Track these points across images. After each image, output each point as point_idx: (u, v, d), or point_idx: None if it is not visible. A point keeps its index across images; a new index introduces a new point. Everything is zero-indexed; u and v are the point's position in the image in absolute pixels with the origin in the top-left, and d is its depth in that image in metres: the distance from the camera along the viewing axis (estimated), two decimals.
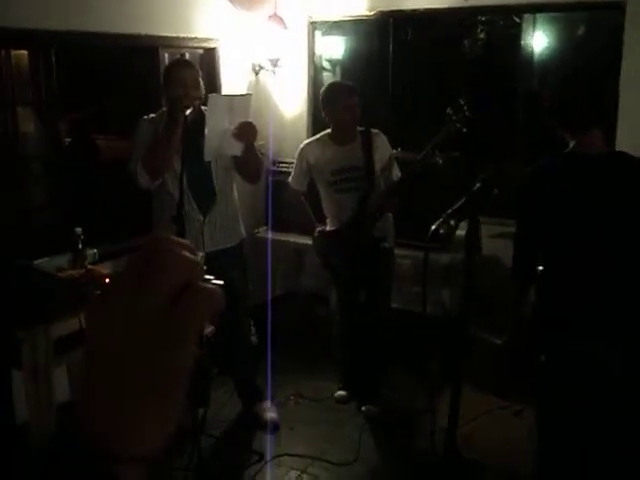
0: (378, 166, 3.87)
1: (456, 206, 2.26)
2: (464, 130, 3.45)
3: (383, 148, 3.92)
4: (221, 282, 0.57)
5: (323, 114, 3.97)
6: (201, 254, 0.57)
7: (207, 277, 0.57)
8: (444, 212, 2.28)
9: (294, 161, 4.87)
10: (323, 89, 4.03)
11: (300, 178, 4.07)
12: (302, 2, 5.26)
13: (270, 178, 5.01)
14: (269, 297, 4.29)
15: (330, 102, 3.87)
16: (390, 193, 3.80)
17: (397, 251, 4.14)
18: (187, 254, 0.55)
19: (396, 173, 3.88)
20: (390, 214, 4.00)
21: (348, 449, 3.76)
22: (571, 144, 2.59)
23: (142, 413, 0.53)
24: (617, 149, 4.24)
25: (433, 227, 2.26)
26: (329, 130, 3.99)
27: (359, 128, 3.93)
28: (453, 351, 2.64)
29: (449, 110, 3.46)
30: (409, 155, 4.08)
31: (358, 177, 3.88)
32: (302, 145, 4.08)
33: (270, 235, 4.86)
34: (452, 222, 2.24)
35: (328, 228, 4.03)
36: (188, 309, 0.54)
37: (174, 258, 0.54)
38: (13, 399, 3.15)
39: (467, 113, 3.42)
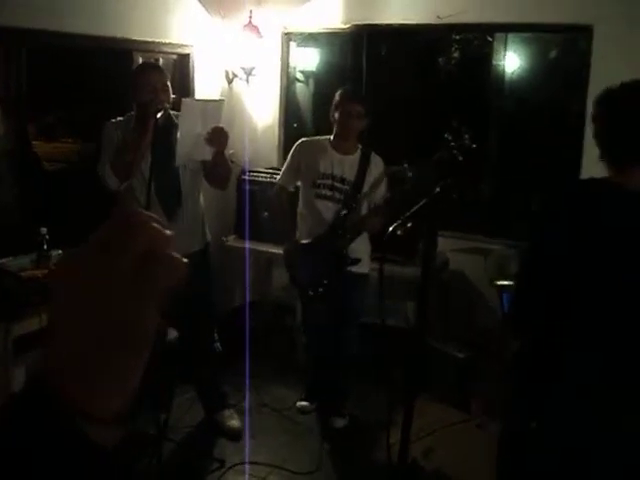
0: (366, 188, 3.80)
1: (414, 209, 2.27)
2: (460, 158, 3.20)
3: (377, 170, 3.84)
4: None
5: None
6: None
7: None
8: (402, 215, 2.29)
9: (266, 170, 4.92)
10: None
11: (289, 174, 3.99)
12: (277, 13, 5.29)
13: (247, 187, 5.02)
14: (247, 301, 4.26)
15: (334, 104, 3.81)
16: (373, 212, 3.73)
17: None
18: (155, 224, 0.58)
19: (382, 192, 3.81)
20: (367, 239, 3.92)
21: (309, 459, 3.75)
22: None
23: (106, 371, 0.55)
24: (582, 175, 4.33)
25: (390, 228, 2.27)
26: (331, 136, 3.90)
27: (360, 147, 3.87)
28: (410, 363, 2.65)
29: (448, 135, 3.25)
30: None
31: (343, 190, 3.80)
32: (299, 141, 4.00)
33: (246, 244, 4.83)
34: (409, 224, 2.25)
35: (302, 241, 3.93)
36: (153, 272, 0.56)
37: (143, 226, 0.57)
38: None
39: (467, 141, 3.20)
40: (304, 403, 4.30)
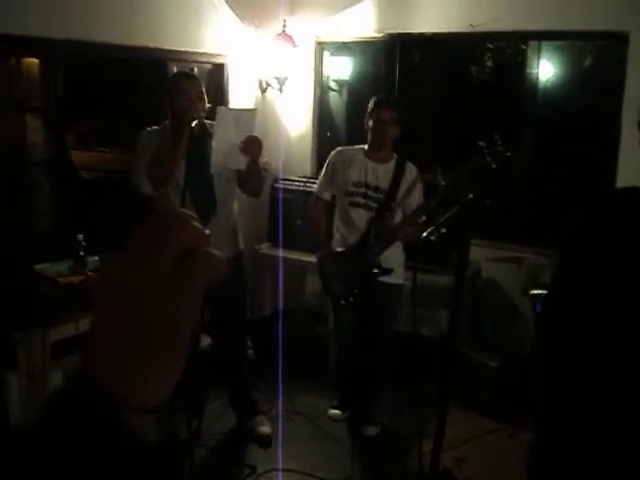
0: (400, 196, 3.77)
1: (447, 215, 2.26)
2: (494, 166, 3.16)
3: (411, 179, 3.81)
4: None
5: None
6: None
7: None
8: (436, 220, 2.29)
9: (300, 179, 4.95)
10: None
11: (324, 184, 4.00)
12: (311, 22, 5.33)
13: (281, 195, 5.06)
14: (281, 309, 4.26)
15: (368, 111, 3.82)
16: (406, 220, 3.70)
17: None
18: (195, 223, 0.59)
19: (416, 200, 3.76)
20: (401, 249, 3.88)
21: (340, 467, 3.76)
22: None
23: (148, 362, 0.57)
24: (617, 183, 4.28)
25: (424, 234, 2.27)
26: (365, 145, 3.90)
27: (395, 155, 3.86)
28: (443, 372, 2.64)
29: (482, 143, 3.22)
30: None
31: (377, 198, 3.78)
32: (334, 150, 4.02)
33: (279, 252, 4.86)
34: (443, 230, 2.25)
35: (336, 249, 3.93)
36: (194, 268, 0.58)
37: (182, 224, 0.59)
38: (8, 401, 3.15)
39: (501, 149, 3.17)
40: (336, 411, 4.30)
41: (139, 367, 0.57)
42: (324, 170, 4.03)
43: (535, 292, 4.13)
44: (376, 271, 3.76)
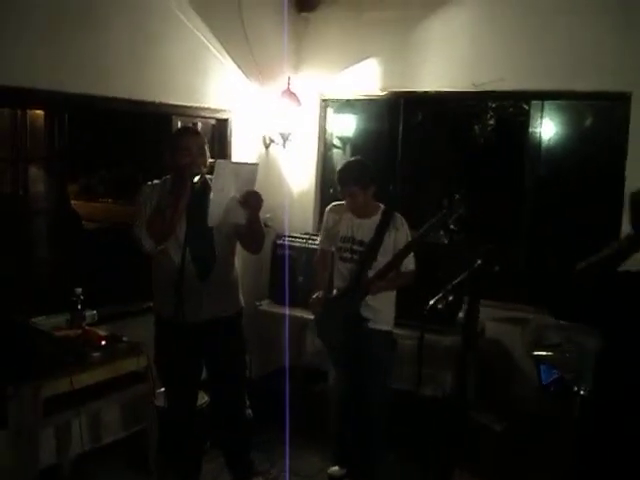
0: (389, 249, 3.79)
1: (456, 281, 2.22)
2: (451, 226, 3.44)
3: (400, 238, 3.83)
4: None
5: None
6: None
7: None
8: (443, 288, 2.24)
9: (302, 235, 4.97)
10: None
11: (325, 237, 4.11)
12: (315, 80, 5.38)
13: (285, 252, 5.04)
14: (287, 365, 4.20)
15: None
16: (375, 276, 3.75)
17: (398, 331, 4.04)
18: None
19: (408, 264, 3.81)
20: (393, 298, 3.93)
21: None
22: None
23: None
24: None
25: (431, 302, 2.22)
26: None
27: (381, 206, 3.91)
28: (447, 436, 2.56)
29: (445, 202, 3.45)
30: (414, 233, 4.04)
31: (359, 251, 3.86)
32: (329, 206, 4.13)
33: (285, 310, 4.83)
34: (450, 297, 2.19)
35: (328, 295, 3.99)
36: None
37: None
38: None
39: (461, 211, 3.40)
40: (335, 468, 4.21)
41: None
42: (322, 225, 4.14)
43: (539, 353, 4.07)
44: (358, 319, 3.82)
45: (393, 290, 3.91)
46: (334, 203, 4.11)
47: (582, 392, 3.45)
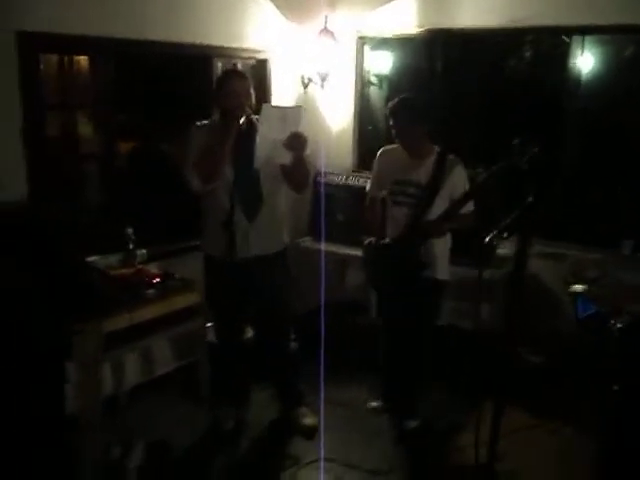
0: (446, 192, 3.71)
1: (508, 220, 2.27)
2: (525, 167, 3.15)
3: (458, 181, 3.74)
4: None
5: None
6: None
7: None
8: (495, 226, 2.29)
9: (341, 173, 4.98)
10: None
11: (374, 184, 4.02)
12: (352, 18, 5.35)
13: (322, 189, 5.11)
14: (322, 304, 4.31)
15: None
16: (446, 215, 3.62)
17: None
18: None
19: (468, 205, 3.66)
20: (446, 245, 3.88)
21: (382, 459, 3.81)
22: None
23: None
24: None
25: (487, 239, 2.28)
26: None
27: (436, 148, 3.80)
28: (496, 368, 2.65)
29: (516, 141, 2.96)
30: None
31: (416, 194, 3.76)
32: (379, 150, 4.01)
33: (321, 246, 4.92)
34: (505, 235, 2.26)
35: (380, 242, 3.93)
36: None
37: None
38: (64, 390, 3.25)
39: (534, 150, 2.84)
40: (376, 403, 4.35)
41: None
42: (372, 171, 4.06)
43: (576, 288, 4.11)
44: (415, 266, 3.76)
45: (450, 235, 3.83)
46: (385, 147, 4.01)
47: (619, 326, 3.51)
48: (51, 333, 3.02)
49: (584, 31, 4.62)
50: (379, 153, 4.02)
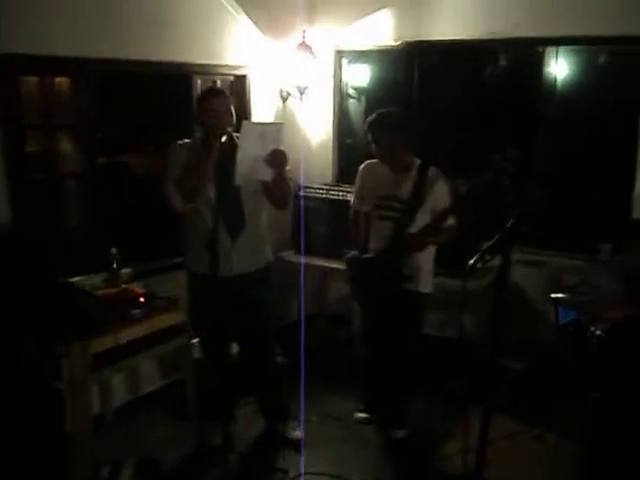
0: (428, 206, 3.75)
1: (491, 242, 2.36)
2: (506, 182, 3.07)
3: (440, 194, 3.77)
4: None
5: None
6: None
7: None
8: (479, 248, 2.38)
9: (321, 186, 5.03)
10: None
11: (358, 198, 4.06)
12: (329, 32, 5.41)
13: (301, 203, 5.15)
14: (302, 317, 4.35)
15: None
16: (427, 229, 3.70)
17: None
18: None
19: (443, 202, 3.74)
20: (429, 257, 3.90)
21: (369, 469, 3.84)
22: None
23: None
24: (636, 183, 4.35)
25: (471, 262, 2.37)
26: None
27: (417, 160, 3.83)
28: (482, 376, 2.70)
29: (496, 156, 3.13)
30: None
31: (400, 209, 3.80)
32: (362, 164, 4.03)
33: (301, 259, 4.97)
34: (487, 257, 2.35)
35: (363, 255, 3.98)
36: None
37: None
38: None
39: (513, 164, 3.07)
40: (363, 414, 4.38)
41: None
42: (355, 185, 4.09)
43: (557, 296, 4.17)
44: (397, 278, 3.82)
45: (434, 247, 3.86)
46: (368, 161, 4.02)
47: (598, 332, 3.56)
48: (38, 355, 3.03)
49: (559, 42, 4.69)
50: (362, 167, 4.05)
